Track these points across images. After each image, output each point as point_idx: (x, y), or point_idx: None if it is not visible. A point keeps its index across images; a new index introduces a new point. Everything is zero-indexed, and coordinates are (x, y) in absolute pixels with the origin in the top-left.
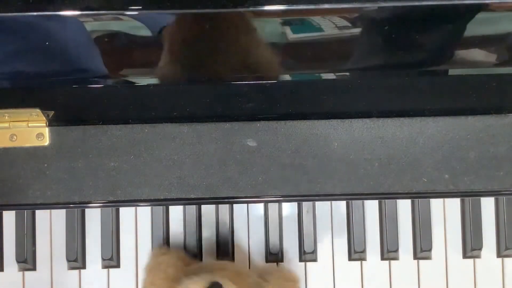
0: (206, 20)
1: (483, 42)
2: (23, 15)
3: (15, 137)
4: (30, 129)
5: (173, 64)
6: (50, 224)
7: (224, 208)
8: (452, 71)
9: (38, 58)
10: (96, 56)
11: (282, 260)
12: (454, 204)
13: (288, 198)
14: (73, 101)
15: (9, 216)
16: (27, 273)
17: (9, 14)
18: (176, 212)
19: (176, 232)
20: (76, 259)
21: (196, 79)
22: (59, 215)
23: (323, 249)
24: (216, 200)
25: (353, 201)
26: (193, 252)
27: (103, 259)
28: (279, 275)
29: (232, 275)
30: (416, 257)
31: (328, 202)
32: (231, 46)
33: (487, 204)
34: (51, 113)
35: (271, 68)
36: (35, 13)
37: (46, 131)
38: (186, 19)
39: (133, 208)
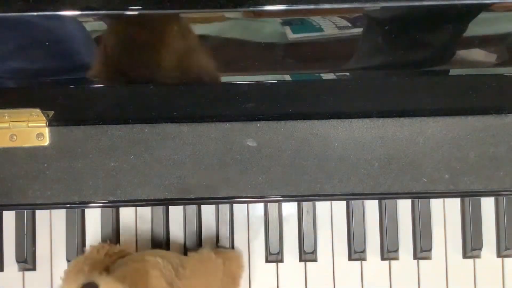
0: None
1: (483, 42)
2: (23, 15)
3: (15, 137)
4: (30, 129)
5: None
6: (50, 224)
7: (224, 208)
8: (452, 71)
9: (38, 58)
10: (96, 56)
11: (282, 260)
12: (454, 204)
13: (288, 198)
14: (73, 101)
15: (9, 216)
16: (27, 273)
17: (9, 14)
18: (176, 212)
19: (176, 232)
20: None
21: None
22: (59, 215)
23: (323, 249)
24: (216, 200)
25: (353, 201)
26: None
27: None
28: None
29: (147, 265)
30: (416, 257)
31: (328, 202)
32: (231, 45)
33: (487, 204)
34: (51, 113)
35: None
36: (35, 13)
37: (46, 131)
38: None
39: (133, 208)
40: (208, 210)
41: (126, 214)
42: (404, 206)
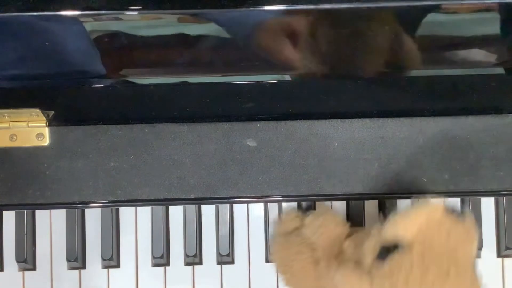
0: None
1: (483, 42)
2: (23, 15)
3: (15, 137)
4: (30, 129)
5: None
6: (50, 224)
7: (224, 208)
8: (452, 71)
9: (38, 58)
10: (96, 56)
11: None
12: (454, 204)
13: (288, 198)
14: (73, 101)
15: (9, 216)
16: (27, 273)
17: (9, 14)
18: (176, 212)
19: (176, 232)
20: (76, 259)
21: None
22: (59, 215)
23: None
24: (216, 200)
25: (353, 201)
26: (192, 253)
27: (103, 259)
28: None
29: None
30: None
31: (328, 202)
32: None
33: (487, 204)
34: (51, 113)
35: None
36: (34, 13)
37: (46, 131)
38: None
39: (133, 208)
40: (208, 210)
41: (126, 214)
42: (404, 206)
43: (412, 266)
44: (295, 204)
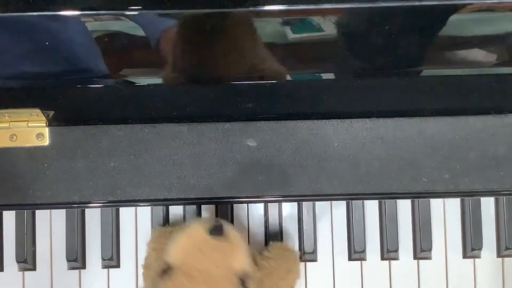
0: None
1: (483, 42)
2: (23, 15)
3: (15, 137)
4: (30, 129)
5: (175, 65)
6: (50, 224)
7: (224, 208)
8: (452, 71)
9: (38, 58)
10: (96, 56)
11: None
12: (454, 204)
13: (288, 198)
14: (73, 101)
15: (9, 216)
16: (27, 273)
17: (9, 14)
18: (176, 212)
19: None
20: (76, 259)
21: (198, 80)
22: (59, 215)
23: (323, 249)
24: (216, 200)
25: (353, 201)
26: None
27: (103, 259)
28: (276, 246)
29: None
30: (416, 257)
31: (328, 202)
32: (232, 47)
33: (487, 204)
34: (51, 113)
35: (273, 68)
36: (35, 13)
37: (46, 131)
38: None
39: (133, 208)
40: (208, 210)
41: (126, 214)
42: (404, 206)
43: None
44: (295, 204)
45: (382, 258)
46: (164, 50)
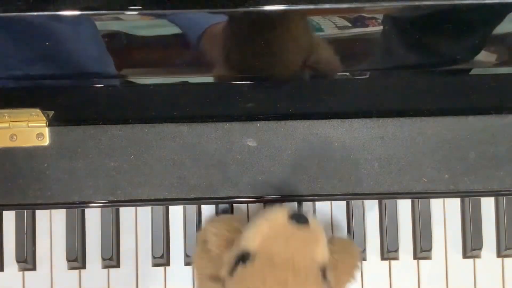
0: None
1: (483, 42)
2: (23, 15)
3: (15, 137)
4: (30, 129)
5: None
6: (50, 224)
7: (224, 208)
8: (452, 71)
9: (38, 58)
10: (96, 56)
11: None
12: (454, 204)
13: (288, 198)
14: (73, 101)
15: (9, 216)
16: (27, 273)
17: (9, 14)
18: (176, 212)
19: (176, 232)
20: (76, 259)
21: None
22: (59, 215)
23: None
24: (216, 200)
25: (353, 201)
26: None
27: (103, 259)
28: (339, 240)
29: None
30: (416, 257)
31: (328, 202)
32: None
33: (487, 204)
34: (51, 113)
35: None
36: (35, 13)
37: (46, 131)
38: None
39: (133, 208)
40: (208, 210)
41: (126, 214)
42: (404, 206)
43: (252, 277)
44: (295, 204)
45: (382, 258)
46: (209, 47)
